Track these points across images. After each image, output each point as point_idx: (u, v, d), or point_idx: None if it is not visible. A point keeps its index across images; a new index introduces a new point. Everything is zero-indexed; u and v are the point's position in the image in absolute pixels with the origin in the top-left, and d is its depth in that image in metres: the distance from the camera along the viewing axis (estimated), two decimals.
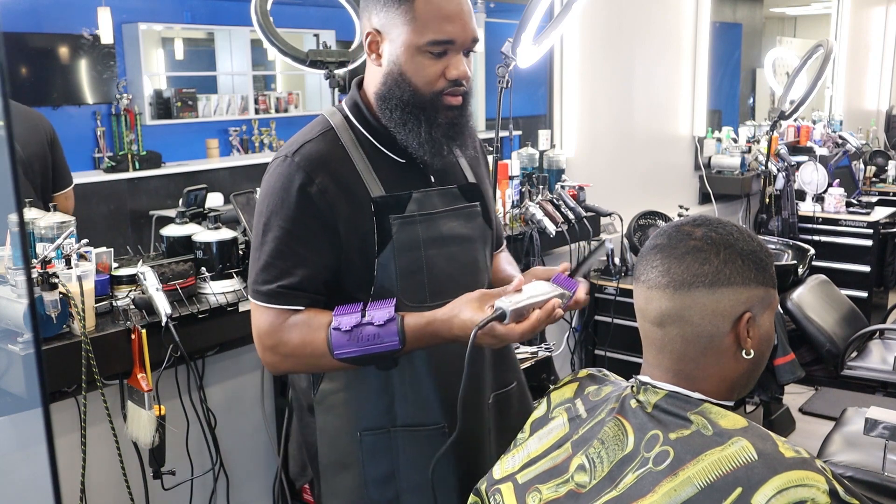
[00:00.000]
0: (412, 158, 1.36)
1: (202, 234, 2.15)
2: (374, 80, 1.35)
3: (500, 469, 1.17)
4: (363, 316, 1.24)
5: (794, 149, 5.18)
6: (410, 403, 1.38)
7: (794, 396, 3.83)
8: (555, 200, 3.16)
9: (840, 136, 5.61)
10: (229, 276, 2.14)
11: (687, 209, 3.70)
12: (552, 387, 1.22)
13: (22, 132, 2.41)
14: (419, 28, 1.26)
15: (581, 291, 1.29)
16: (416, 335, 1.24)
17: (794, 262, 3.47)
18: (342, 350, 1.24)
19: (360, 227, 1.32)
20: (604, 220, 3.41)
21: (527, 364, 2.59)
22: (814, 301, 3.46)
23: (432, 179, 1.39)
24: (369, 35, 1.32)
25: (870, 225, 4.45)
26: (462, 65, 1.29)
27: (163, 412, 1.90)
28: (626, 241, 3.41)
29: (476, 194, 1.44)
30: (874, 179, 5.66)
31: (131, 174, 5.48)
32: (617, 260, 3.34)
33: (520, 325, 1.17)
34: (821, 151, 5.15)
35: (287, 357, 1.33)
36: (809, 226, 4.55)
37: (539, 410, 1.20)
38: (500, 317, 1.16)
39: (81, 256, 1.88)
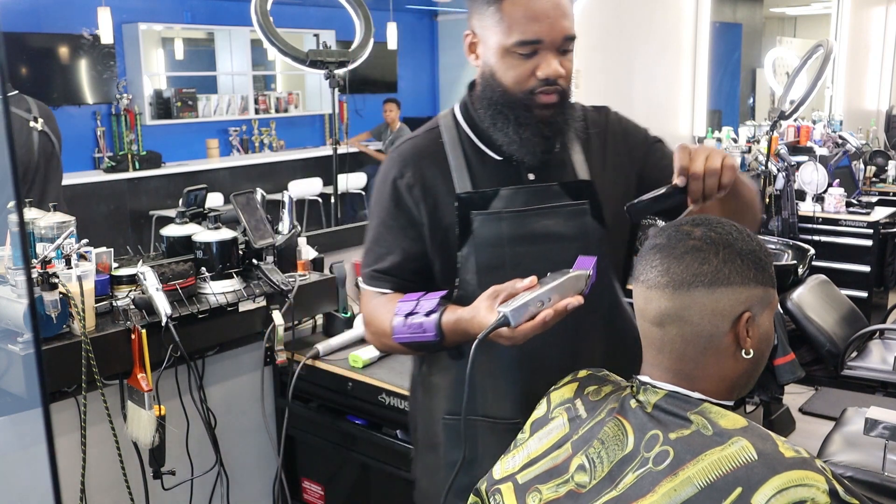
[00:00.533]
0: (510, 156, 1.37)
1: (202, 234, 2.15)
2: (476, 81, 1.40)
3: (500, 469, 1.17)
4: (417, 304, 1.30)
5: (794, 149, 5.18)
6: (490, 395, 1.41)
7: (794, 396, 3.82)
8: None
9: (840, 136, 5.61)
10: (229, 276, 2.14)
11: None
12: (552, 387, 1.22)
13: (55, 128, 2.56)
14: (506, 29, 1.28)
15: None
16: (451, 329, 1.26)
17: (794, 262, 3.47)
18: (398, 334, 1.31)
19: (444, 221, 1.37)
20: None
21: None
22: (814, 301, 3.46)
23: (531, 177, 1.39)
24: (468, 36, 1.36)
25: (870, 225, 4.45)
26: (553, 64, 1.29)
27: (163, 412, 1.90)
28: None
29: (585, 192, 1.39)
30: (874, 179, 5.66)
31: (131, 174, 5.49)
32: None
33: (525, 324, 1.15)
34: (821, 151, 5.14)
35: (374, 335, 1.43)
36: (809, 226, 4.54)
37: (539, 410, 1.20)
38: (504, 323, 1.14)
39: (81, 256, 1.88)
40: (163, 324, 1.91)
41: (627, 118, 1.52)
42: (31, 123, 2.43)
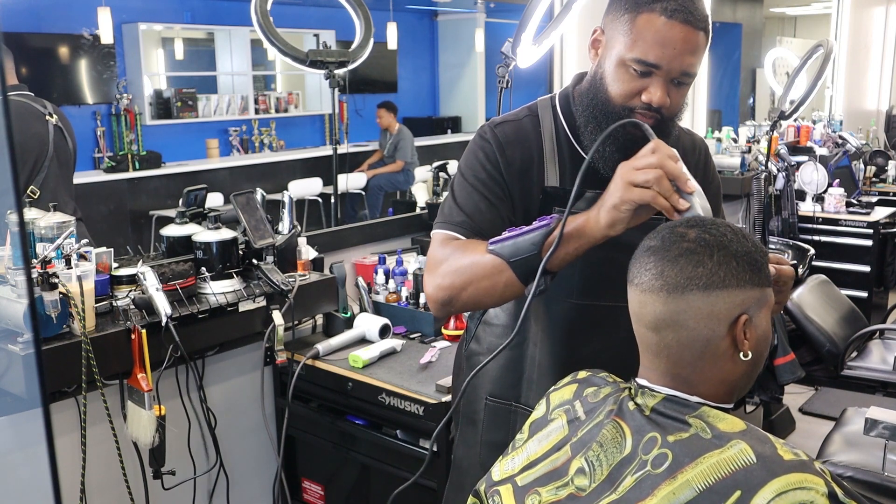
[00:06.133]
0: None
1: (202, 234, 2.15)
2: (586, 77, 1.40)
3: (499, 470, 1.16)
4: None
5: (794, 149, 5.18)
6: (534, 388, 1.44)
7: (794, 396, 3.83)
8: None
9: (840, 136, 5.60)
10: (229, 276, 2.14)
11: None
12: (551, 388, 1.22)
13: (68, 126, 2.56)
14: (631, 43, 1.27)
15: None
16: (572, 226, 1.20)
17: (795, 262, 3.47)
18: (495, 242, 1.24)
19: (527, 207, 1.39)
20: None
21: None
22: (814, 301, 3.46)
23: None
24: (595, 31, 1.36)
25: (870, 225, 4.45)
26: (659, 92, 1.27)
27: (163, 412, 1.90)
28: None
29: None
30: (874, 179, 5.65)
31: (131, 174, 5.49)
32: None
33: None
34: (821, 151, 5.14)
35: (444, 275, 1.32)
36: (809, 226, 4.54)
37: (538, 411, 1.19)
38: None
39: (81, 256, 1.88)
40: (163, 324, 1.91)
41: (713, 161, 1.57)
42: (47, 117, 2.45)
